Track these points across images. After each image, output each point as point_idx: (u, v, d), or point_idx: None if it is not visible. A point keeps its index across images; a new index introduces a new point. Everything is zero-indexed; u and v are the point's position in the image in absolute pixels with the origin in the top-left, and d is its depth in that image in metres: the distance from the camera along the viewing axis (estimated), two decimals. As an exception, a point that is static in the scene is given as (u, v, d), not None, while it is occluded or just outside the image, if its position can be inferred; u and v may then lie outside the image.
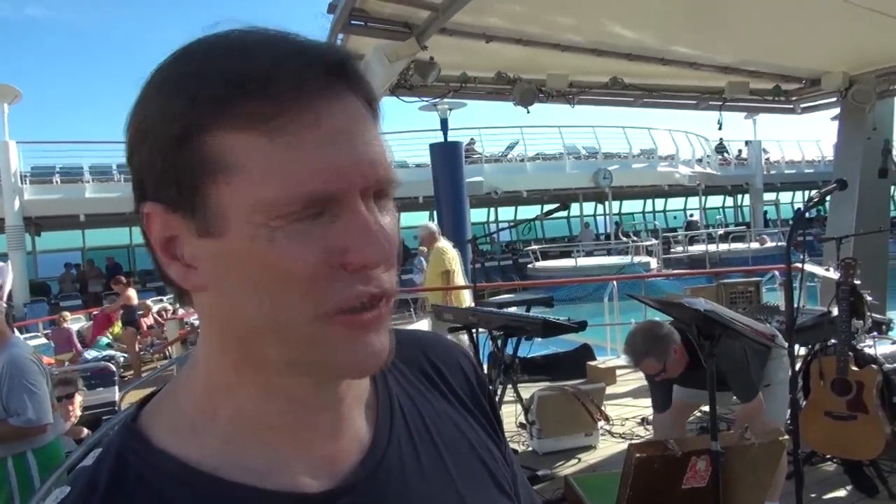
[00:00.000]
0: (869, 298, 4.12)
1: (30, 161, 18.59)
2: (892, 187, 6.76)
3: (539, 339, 7.49)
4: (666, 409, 3.34)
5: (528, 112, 6.04)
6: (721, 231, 22.78)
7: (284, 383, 0.53)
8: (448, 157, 13.90)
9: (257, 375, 0.53)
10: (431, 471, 0.60)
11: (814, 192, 2.78)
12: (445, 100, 6.83)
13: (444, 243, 6.57)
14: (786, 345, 2.92)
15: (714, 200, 32.77)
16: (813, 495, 3.64)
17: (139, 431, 0.54)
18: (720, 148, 29.27)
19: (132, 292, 10.56)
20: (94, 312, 9.20)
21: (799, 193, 31.70)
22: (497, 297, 6.30)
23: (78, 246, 22.48)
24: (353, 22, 4.31)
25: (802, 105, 6.73)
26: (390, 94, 5.42)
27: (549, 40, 5.00)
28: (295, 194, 0.46)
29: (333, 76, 0.49)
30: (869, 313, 4.11)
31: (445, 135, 14.26)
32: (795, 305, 4.67)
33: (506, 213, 27.17)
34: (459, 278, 6.58)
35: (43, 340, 10.47)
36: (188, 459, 0.52)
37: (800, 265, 5.51)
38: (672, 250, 22.41)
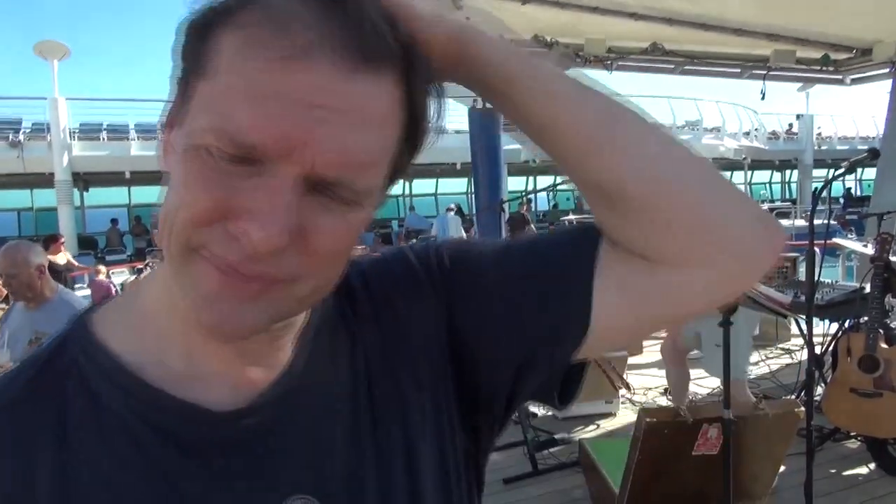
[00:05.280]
0: (905, 276, 4.00)
1: (78, 117, 18.96)
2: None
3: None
4: None
5: (565, 77, 5.96)
6: (766, 206, 22.20)
7: None
8: (486, 124, 13.74)
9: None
10: (341, 403, 0.58)
11: (844, 163, 2.70)
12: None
13: None
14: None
15: (761, 175, 31.87)
16: (833, 471, 3.60)
17: (86, 323, 0.56)
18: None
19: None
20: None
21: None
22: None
23: (124, 202, 23.07)
24: (386, -19, 4.28)
25: (852, 76, 6.46)
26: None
27: (586, 3, 4.89)
28: (215, 129, 0.44)
29: (352, 60, 0.44)
30: (904, 291, 4.00)
31: (484, 101, 14.09)
32: (827, 281, 4.56)
33: (544, 182, 26.91)
34: None
35: (88, 292, 10.87)
36: (115, 351, 0.54)
37: (838, 241, 5.37)
38: (714, 225, 21.99)
